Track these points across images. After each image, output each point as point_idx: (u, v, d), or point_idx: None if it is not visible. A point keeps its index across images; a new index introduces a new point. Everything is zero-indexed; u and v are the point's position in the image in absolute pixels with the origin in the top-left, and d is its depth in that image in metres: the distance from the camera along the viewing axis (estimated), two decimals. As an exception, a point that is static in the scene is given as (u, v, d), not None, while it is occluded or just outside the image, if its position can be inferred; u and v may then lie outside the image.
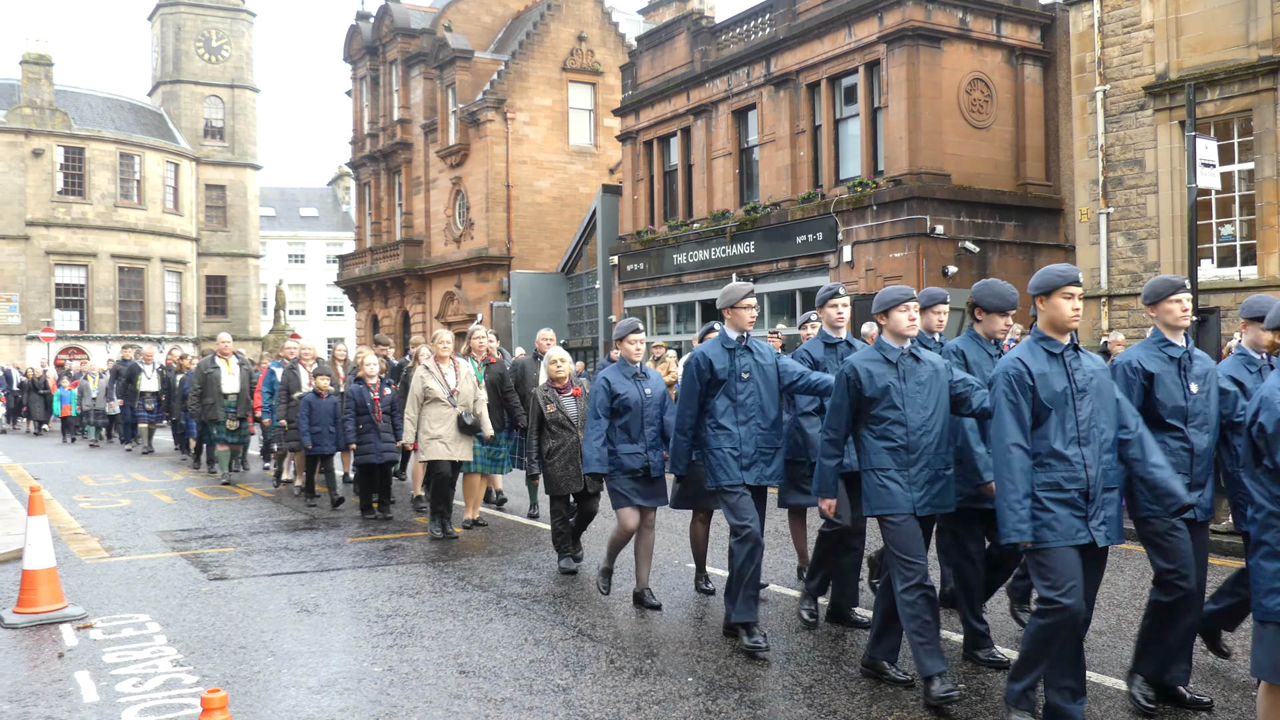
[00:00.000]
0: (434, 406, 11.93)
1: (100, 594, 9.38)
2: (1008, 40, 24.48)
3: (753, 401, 7.45)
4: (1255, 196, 17.86)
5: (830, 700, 6.27)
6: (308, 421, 14.40)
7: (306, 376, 15.59)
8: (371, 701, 6.35)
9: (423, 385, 11.97)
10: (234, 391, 18.00)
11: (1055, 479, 5.40)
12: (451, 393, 12.00)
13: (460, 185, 42.08)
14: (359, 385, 13.56)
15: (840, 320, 8.13)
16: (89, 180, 52.97)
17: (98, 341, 51.69)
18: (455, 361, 12.28)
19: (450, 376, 12.10)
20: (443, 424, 11.90)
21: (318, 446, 14.50)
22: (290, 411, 15.52)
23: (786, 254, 26.14)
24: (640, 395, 8.60)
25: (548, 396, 9.88)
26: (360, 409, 13.41)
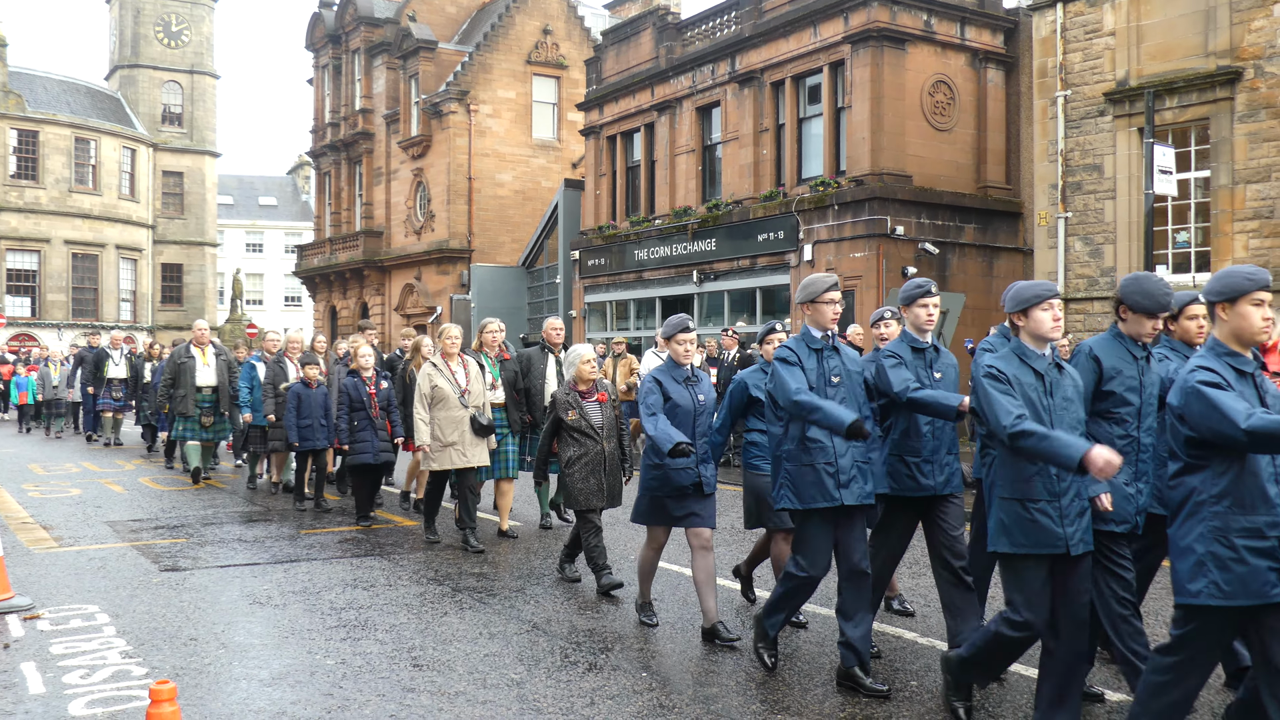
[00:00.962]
0: (444, 409, 10.73)
1: (48, 584, 9.26)
2: (971, 44, 24.62)
3: None
4: (1210, 204, 18.06)
5: (783, 696, 6.28)
6: (296, 414, 13.37)
7: (294, 370, 14.51)
8: (324, 694, 6.30)
9: (431, 385, 10.75)
10: (210, 384, 16.63)
11: None
12: (463, 392, 10.84)
13: (422, 177, 41.89)
14: (353, 378, 12.49)
15: (930, 322, 7.01)
16: (43, 164, 52.27)
17: (49, 328, 51.05)
18: (464, 359, 11.14)
19: (460, 375, 10.93)
20: (455, 428, 10.73)
21: (307, 441, 13.43)
22: (279, 408, 14.35)
23: (748, 252, 26.18)
24: (693, 401, 7.62)
25: (569, 401, 8.88)
26: (355, 404, 12.37)
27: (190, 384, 16.45)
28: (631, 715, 5.95)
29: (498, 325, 12.00)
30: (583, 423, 8.86)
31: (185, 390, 16.43)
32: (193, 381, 16.46)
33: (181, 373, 16.51)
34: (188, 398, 16.41)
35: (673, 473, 7.48)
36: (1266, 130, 17.30)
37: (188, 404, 16.41)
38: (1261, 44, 17.38)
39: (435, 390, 10.76)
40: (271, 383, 14.60)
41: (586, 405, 8.94)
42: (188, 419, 16.55)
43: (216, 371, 16.68)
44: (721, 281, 27.22)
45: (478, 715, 5.95)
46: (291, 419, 13.39)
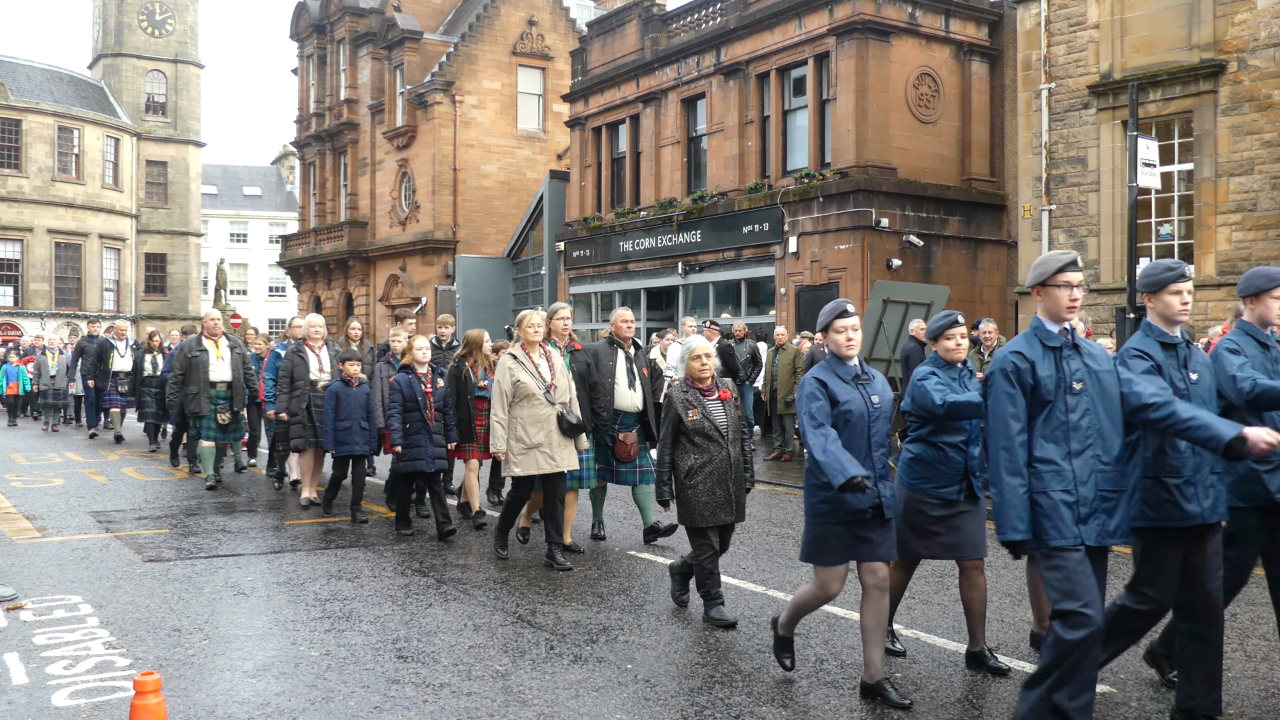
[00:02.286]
0: (528, 405, 9.44)
1: (31, 574, 9.23)
2: (956, 36, 24.65)
3: (1089, 423, 5.22)
4: (1194, 197, 18.13)
5: (768, 688, 6.30)
6: (334, 415, 11.97)
7: (315, 360, 13.34)
8: (308, 685, 6.30)
9: (512, 379, 9.47)
10: (224, 379, 14.99)
11: None
12: (548, 387, 9.57)
13: (407, 167, 41.78)
14: (407, 375, 11.11)
15: (1184, 312, 5.71)
16: (25, 153, 51.93)
17: (32, 318, 50.80)
18: (546, 349, 9.85)
19: (544, 368, 9.66)
20: (541, 428, 9.44)
21: (344, 446, 12.02)
22: (294, 402, 13.17)
23: (733, 244, 26.20)
24: (865, 404, 6.12)
25: (689, 400, 7.70)
26: (409, 404, 11.01)
27: (203, 379, 14.79)
28: (617, 707, 5.96)
29: (568, 311, 10.66)
30: (706, 424, 7.67)
31: (198, 386, 14.75)
32: (206, 377, 14.81)
33: (193, 367, 14.83)
34: (200, 394, 14.73)
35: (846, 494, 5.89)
36: (1249, 123, 17.37)
37: (201, 401, 14.73)
38: (1245, 37, 17.44)
39: (517, 386, 9.49)
40: (288, 375, 13.31)
41: (709, 403, 7.74)
42: (202, 418, 14.91)
43: (231, 365, 15.10)
44: (707, 273, 27.24)
45: (462, 707, 5.95)
46: (329, 421, 12.02)
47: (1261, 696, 6.24)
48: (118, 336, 21.69)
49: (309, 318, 13.95)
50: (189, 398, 14.85)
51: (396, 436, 10.97)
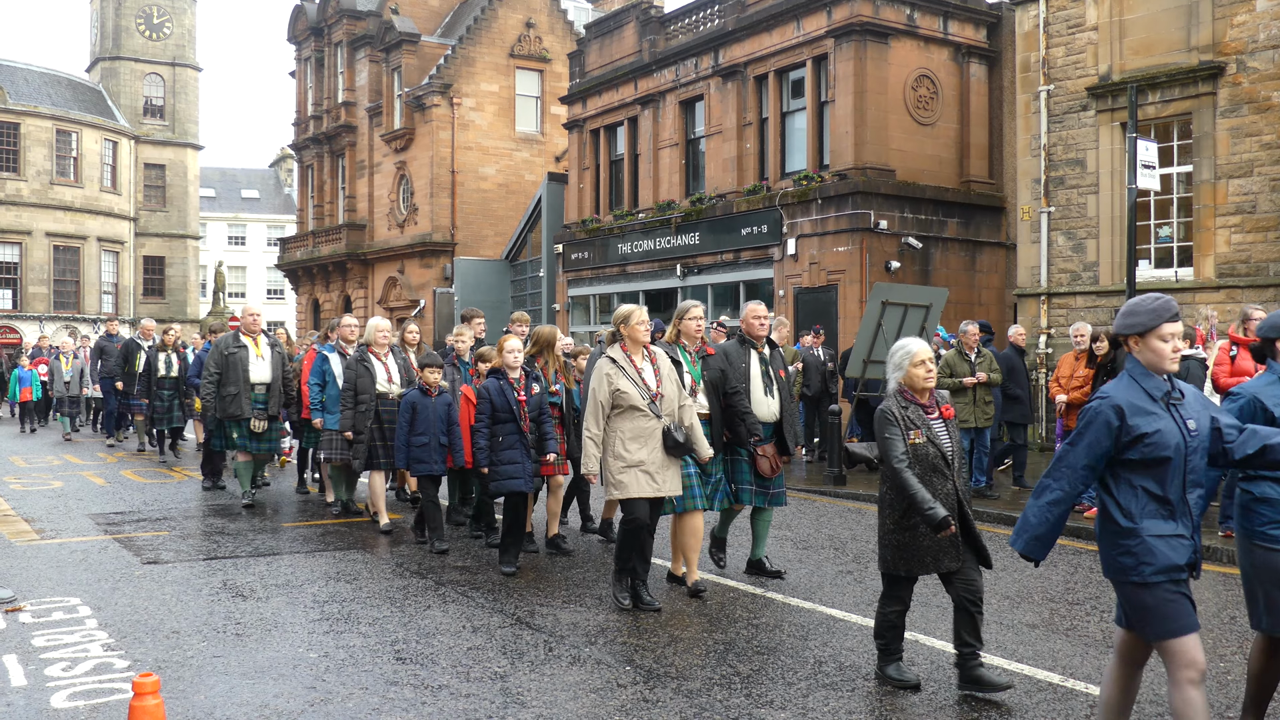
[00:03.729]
0: (629, 418, 8.09)
1: (30, 576, 9.22)
2: (954, 38, 24.65)
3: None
4: (1193, 199, 18.13)
5: (767, 691, 6.29)
6: (409, 429, 10.56)
7: (381, 369, 11.82)
8: (307, 688, 6.29)
9: (610, 387, 8.12)
10: (264, 381, 13.41)
11: None
12: (653, 397, 8.16)
13: (405, 170, 41.77)
14: (497, 380, 9.65)
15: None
16: (24, 156, 51.93)
17: (31, 321, 50.80)
18: (652, 352, 8.41)
19: (648, 373, 8.26)
20: (644, 444, 8.06)
21: (421, 464, 10.58)
22: (359, 419, 11.63)
23: (731, 246, 26.19)
24: (1181, 432, 4.69)
25: (910, 418, 6.26)
26: (501, 414, 9.53)
27: (243, 379, 13.25)
28: (615, 709, 5.95)
29: (700, 310, 8.99)
30: (931, 450, 6.22)
31: (237, 388, 13.20)
32: (245, 377, 13.27)
33: (231, 366, 13.28)
34: (240, 396, 13.19)
35: (1162, 544, 4.61)
36: (1248, 125, 17.38)
37: (241, 404, 13.18)
38: (1244, 39, 17.45)
39: (617, 395, 8.10)
40: (351, 387, 11.74)
41: (932, 422, 6.35)
42: (240, 423, 13.34)
43: (271, 366, 13.55)
44: (705, 275, 27.22)
45: (461, 708, 5.94)
46: (403, 436, 10.58)
47: (1261, 697, 6.23)
48: (144, 336, 20.12)
49: (374, 321, 12.22)
50: (227, 399, 13.25)
51: (483, 455, 9.49)
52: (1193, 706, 4.55)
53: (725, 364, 8.88)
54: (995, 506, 13.17)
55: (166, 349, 18.58)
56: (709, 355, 8.96)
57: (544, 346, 10.54)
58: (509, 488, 9.50)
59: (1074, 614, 8.17)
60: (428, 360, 10.82)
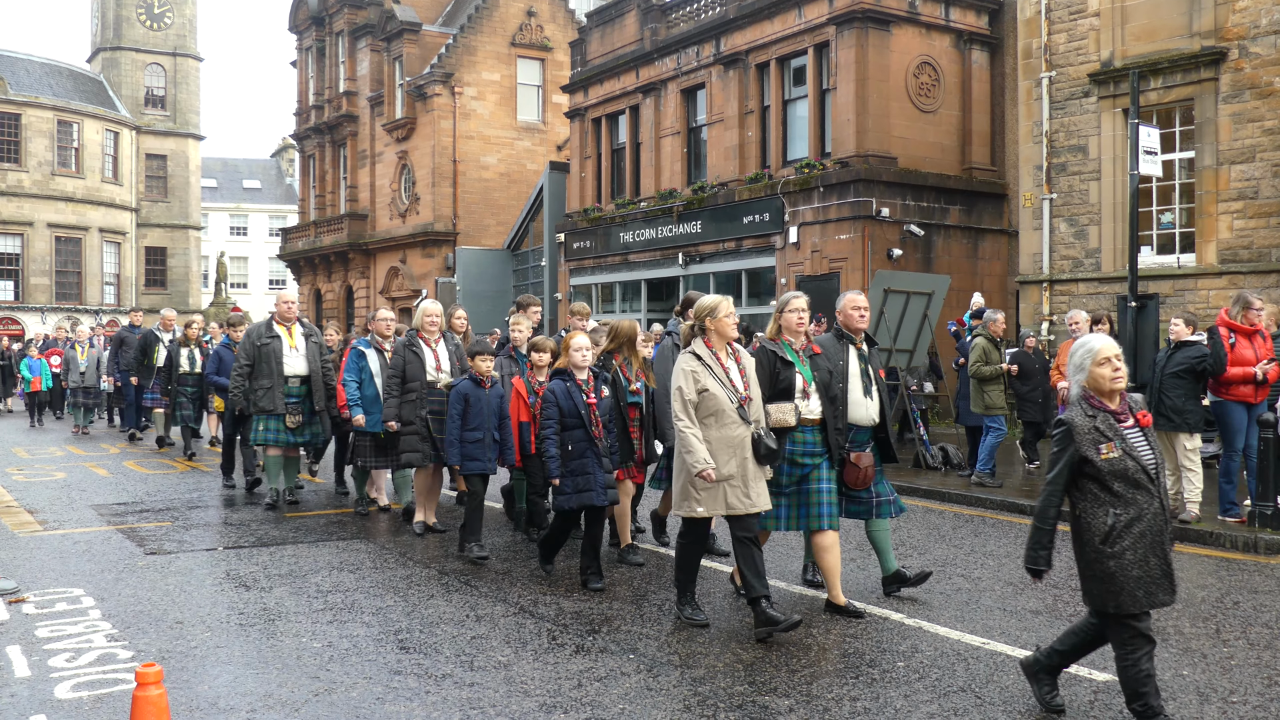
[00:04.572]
0: (714, 424, 7.18)
1: (33, 567, 9.23)
2: (956, 25, 24.59)
3: None
4: (1195, 185, 18.10)
5: (770, 678, 6.30)
6: (460, 424, 9.61)
7: (431, 356, 10.97)
8: (310, 677, 6.29)
9: (698, 387, 7.21)
10: (299, 374, 12.39)
11: None
12: (741, 401, 7.25)
13: (406, 159, 41.74)
14: (563, 382, 8.62)
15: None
16: (25, 147, 51.88)
17: (33, 312, 50.81)
18: (735, 349, 7.51)
19: (734, 373, 7.35)
20: (732, 454, 7.16)
21: (474, 461, 9.65)
22: (405, 409, 10.86)
23: (733, 234, 26.16)
24: None
25: (1099, 429, 5.46)
26: (569, 419, 8.50)
27: (276, 372, 12.27)
28: (619, 697, 5.96)
29: (804, 302, 7.92)
30: (1129, 463, 5.43)
31: (271, 380, 12.22)
32: (279, 369, 12.29)
33: (264, 357, 12.30)
34: (274, 389, 12.21)
35: None
36: (1251, 111, 17.34)
37: (274, 398, 12.20)
38: (1246, 24, 17.40)
39: (704, 398, 7.19)
40: (399, 374, 10.90)
41: (1127, 433, 5.51)
42: (271, 416, 12.30)
43: (308, 357, 12.49)
44: (707, 264, 27.20)
45: (465, 697, 5.95)
46: (454, 430, 9.62)
47: (1265, 684, 6.24)
48: (164, 328, 19.17)
49: (424, 304, 11.31)
50: (259, 393, 12.26)
51: (555, 464, 8.45)
52: None
53: (830, 365, 7.91)
54: (999, 494, 13.14)
55: (189, 343, 17.53)
56: (816, 355, 7.90)
57: (624, 343, 9.48)
58: (582, 501, 8.44)
59: (1076, 600, 8.17)
60: (478, 348, 9.84)
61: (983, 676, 6.35)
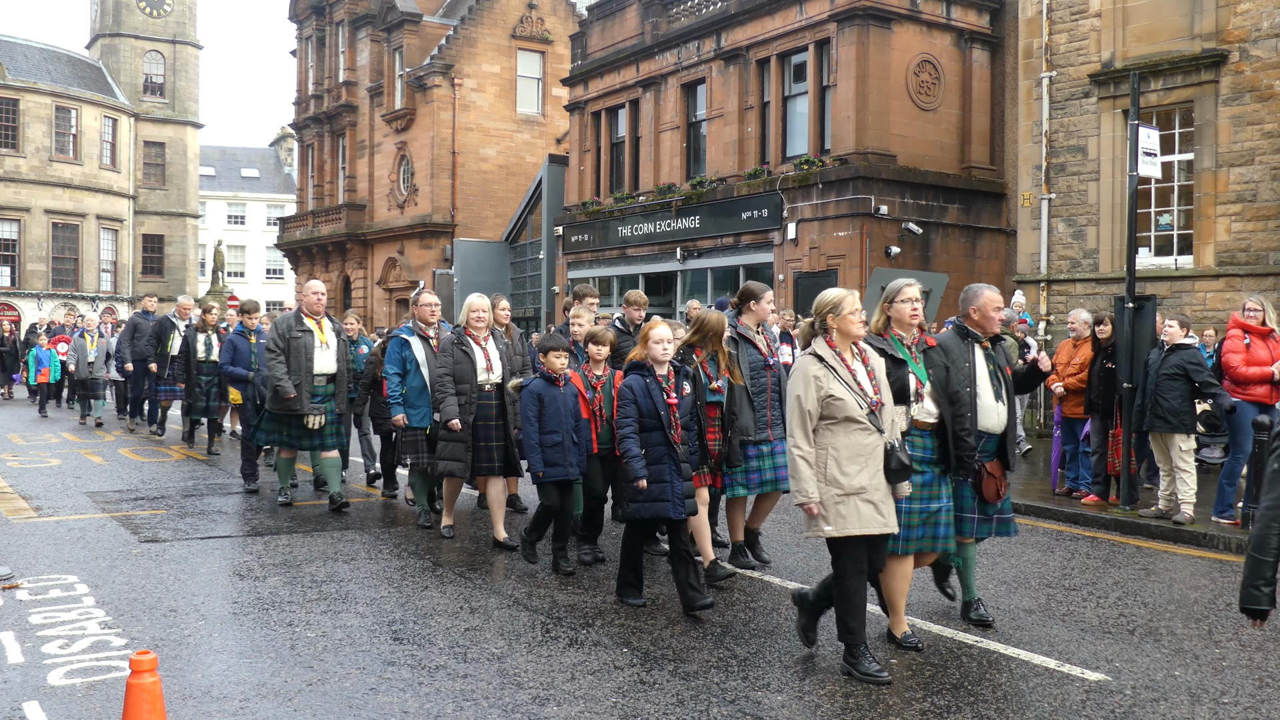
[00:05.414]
0: (843, 431, 6.33)
1: (28, 554, 9.23)
2: (957, 23, 24.58)
3: None
4: (1194, 187, 18.10)
5: (764, 674, 6.31)
6: (537, 426, 8.75)
7: (480, 354, 9.97)
8: (304, 667, 6.30)
9: (821, 393, 6.33)
10: (328, 372, 11.62)
11: None
12: (874, 405, 6.39)
13: (405, 150, 41.70)
14: (641, 378, 7.73)
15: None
16: (23, 133, 51.80)
17: (29, 298, 50.75)
18: (862, 348, 6.60)
19: (861, 374, 6.46)
20: (864, 465, 6.31)
21: (556, 468, 8.77)
22: (462, 409, 9.83)
23: (731, 230, 26.15)
24: None
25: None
26: (648, 420, 7.64)
27: (306, 369, 11.45)
28: (612, 690, 5.97)
29: (917, 290, 7.06)
30: None
31: (298, 378, 11.41)
32: (309, 365, 11.48)
33: (294, 352, 11.43)
34: (302, 388, 11.44)
35: None
36: (1250, 114, 17.34)
37: (301, 397, 11.43)
38: (1247, 27, 17.40)
39: (830, 403, 6.32)
40: (450, 372, 9.92)
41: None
42: (295, 418, 11.61)
43: (337, 354, 11.75)
44: (705, 259, 27.19)
45: (458, 689, 5.95)
46: (531, 434, 8.75)
47: (1256, 685, 6.26)
48: (180, 315, 18.32)
49: (471, 298, 10.28)
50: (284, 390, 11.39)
51: (638, 464, 7.57)
52: None
53: (947, 361, 7.06)
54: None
55: (206, 329, 16.57)
56: (930, 350, 7.05)
57: (709, 336, 8.52)
58: (655, 511, 7.59)
59: (1070, 599, 8.19)
60: (551, 343, 8.97)
61: (975, 674, 6.36)
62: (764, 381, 8.80)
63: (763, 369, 8.83)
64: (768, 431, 8.74)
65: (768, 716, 5.61)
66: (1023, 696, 5.98)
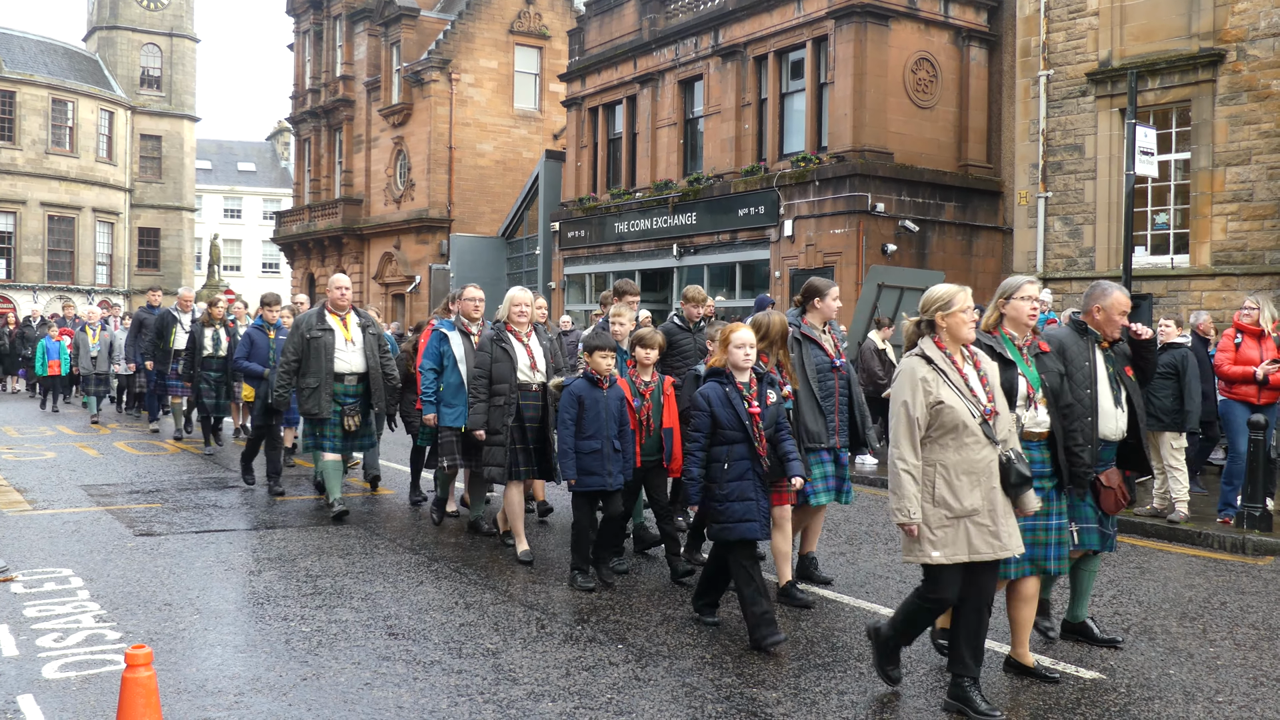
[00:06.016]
0: (953, 445, 5.60)
1: (22, 547, 9.21)
2: (955, 21, 24.58)
3: None
4: (1190, 186, 18.12)
5: (758, 670, 6.31)
6: (574, 430, 8.03)
7: (523, 352, 9.28)
8: (299, 662, 6.29)
9: (931, 400, 5.60)
10: (355, 371, 10.90)
11: None
12: (987, 414, 5.65)
13: (402, 145, 41.66)
14: (720, 385, 6.94)
15: None
16: (19, 125, 51.75)
17: (24, 291, 50.70)
18: (971, 351, 5.87)
19: (974, 380, 5.73)
20: (977, 483, 5.60)
21: (592, 477, 8.07)
22: (495, 415, 9.07)
23: (728, 226, 26.15)
24: None
25: None
26: (728, 432, 6.86)
27: (325, 370, 10.71)
28: (607, 686, 5.97)
29: (1036, 289, 6.44)
30: None
31: (318, 379, 10.68)
32: (329, 367, 10.73)
33: (312, 353, 10.73)
34: (320, 390, 10.67)
35: None
36: (1247, 113, 17.35)
37: (320, 400, 10.68)
38: (1244, 26, 17.41)
39: (940, 411, 5.59)
40: (486, 374, 9.14)
41: None
42: (323, 423, 10.88)
43: (365, 350, 11.00)
44: (701, 255, 27.19)
45: (453, 685, 5.95)
46: (567, 439, 8.03)
47: (1250, 684, 6.27)
48: (182, 308, 17.59)
49: (512, 292, 9.49)
50: (303, 394, 10.79)
51: (695, 487, 6.90)
52: None
53: (1061, 364, 6.46)
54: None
55: (213, 323, 15.60)
56: (1043, 354, 6.43)
57: (775, 341, 7.73)
58: (738, 534, 6.78)
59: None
60: (598, 342, 8.19)
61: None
62: (831, 385, 8.08)
63: (830, 371, 8.10)
64: (834, 438, 8.07)
65: (762, 713, 5.61)
66: (1017, 694, 5.98)
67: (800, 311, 8.32)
